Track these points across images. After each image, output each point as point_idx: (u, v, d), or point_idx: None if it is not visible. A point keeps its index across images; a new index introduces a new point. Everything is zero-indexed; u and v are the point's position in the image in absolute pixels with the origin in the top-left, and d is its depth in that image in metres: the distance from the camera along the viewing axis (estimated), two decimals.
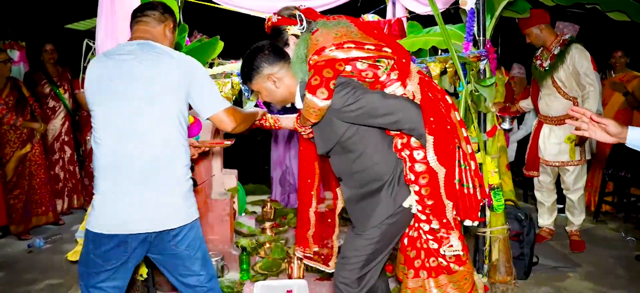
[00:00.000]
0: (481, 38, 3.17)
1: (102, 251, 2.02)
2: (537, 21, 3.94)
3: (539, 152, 4.21)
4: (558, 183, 4.30)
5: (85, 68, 3.03)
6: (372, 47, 2.13)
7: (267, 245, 3.76)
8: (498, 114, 4.49)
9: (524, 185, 5.59)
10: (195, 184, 2.28)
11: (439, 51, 3.40)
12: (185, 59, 2.10)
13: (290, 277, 3.29)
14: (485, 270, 3.28)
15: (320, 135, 2.25)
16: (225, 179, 4.04)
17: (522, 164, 5.52)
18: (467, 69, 3.13)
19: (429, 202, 2.17)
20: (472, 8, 3.13)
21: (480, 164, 3.19)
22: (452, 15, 3.61)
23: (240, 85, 3.02)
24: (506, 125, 4.63)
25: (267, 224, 4.18)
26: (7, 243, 4.56)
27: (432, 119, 2.11)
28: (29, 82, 4.94)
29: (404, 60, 2.19)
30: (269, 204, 4.50)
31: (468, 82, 3.14)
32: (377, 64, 2.15)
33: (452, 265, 2.27)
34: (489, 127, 3.22)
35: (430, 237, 2.25)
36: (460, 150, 2.19)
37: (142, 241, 2.05)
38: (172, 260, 2.16)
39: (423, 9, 3.89)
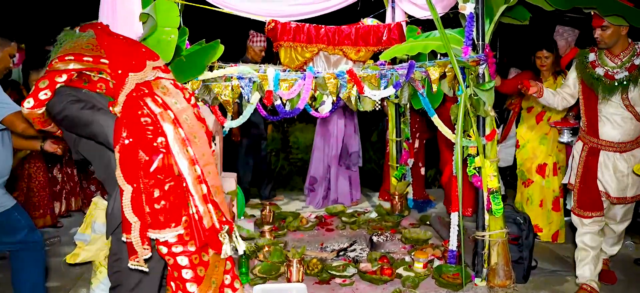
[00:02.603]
0: (480, 42, 3.19)
1: None
2: None
3: (600, 186, 3.30)
4: None
5: None
6: (90, 59, 2.20)
7: (266, 248, 3.76)
8: (553, 125, 4.27)
9: None
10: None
11: (438, 55, 3.41)
12: None
13: (289, 281, 3.29)
14: (484, 274, 3.29)
15: (66, 141, 2.38)
16: (224, 182, 4.04)
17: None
18: (467, 73, 3.15)
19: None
20: (471, 13, 3.15)
21: (479, 168, 3.21)
22: (451, 19, 3.62)
23: (240, 88, 3.03)
24: (565, 138, 4.18)
25: (266, 228, 4.18)
26: None
27: (124, 134, 2.06)
28: (28, 84, 4.94)
29: (120, 72, 2.17)
30: (267, 208, 4.51)
31: (467, 86, 3.15)
32: (102, 75, 2.22)
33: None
34: (487, 131, 3.23)
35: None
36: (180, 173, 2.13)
37: None
38: None
39: (422, 14, 3.91)
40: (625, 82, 3.15)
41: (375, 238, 4.11)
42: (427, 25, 3.94)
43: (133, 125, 2.08)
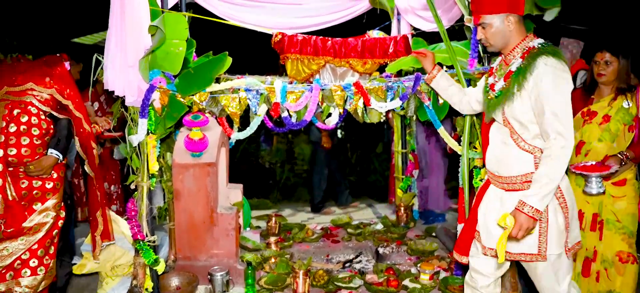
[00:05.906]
0: (486, 55, 3.20)
1: None
2: (501, 7, 2.31)
3: (477, 225, 2.53)
4: None
5: (94, 82, 3.08)
6: None
7: (272, 259, 3.77)
8: (573, 169, 3.00)
9: None
10: None
11: (444, 67, 3.42)
12: None
13: (295, 292, 3.29)
14: None
15: None
16: (230, 193, 4.05)
17: None
18: (472, 85, 3.16)
19: None
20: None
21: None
22: (457, 32, 3.64)
23: (248, 100, 3.06)
24: (592, 189, 2.86)
25: (272, 239, 4.19)
26: None
27: None
28: None
29: None
30: (273, 219, 4.51)
31: None
32: None
33: None
34: None
35: None
36: None
37: None
38: None
39: (428, 26, 3.93)
40: (499, 95, 2.35)
41: (381, 250, 4.10)
42: (432, 38, 3.95)
43: None
